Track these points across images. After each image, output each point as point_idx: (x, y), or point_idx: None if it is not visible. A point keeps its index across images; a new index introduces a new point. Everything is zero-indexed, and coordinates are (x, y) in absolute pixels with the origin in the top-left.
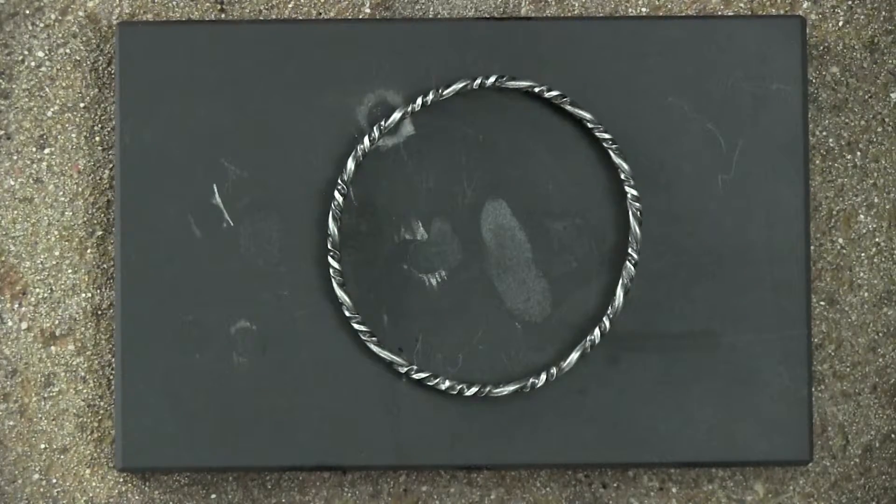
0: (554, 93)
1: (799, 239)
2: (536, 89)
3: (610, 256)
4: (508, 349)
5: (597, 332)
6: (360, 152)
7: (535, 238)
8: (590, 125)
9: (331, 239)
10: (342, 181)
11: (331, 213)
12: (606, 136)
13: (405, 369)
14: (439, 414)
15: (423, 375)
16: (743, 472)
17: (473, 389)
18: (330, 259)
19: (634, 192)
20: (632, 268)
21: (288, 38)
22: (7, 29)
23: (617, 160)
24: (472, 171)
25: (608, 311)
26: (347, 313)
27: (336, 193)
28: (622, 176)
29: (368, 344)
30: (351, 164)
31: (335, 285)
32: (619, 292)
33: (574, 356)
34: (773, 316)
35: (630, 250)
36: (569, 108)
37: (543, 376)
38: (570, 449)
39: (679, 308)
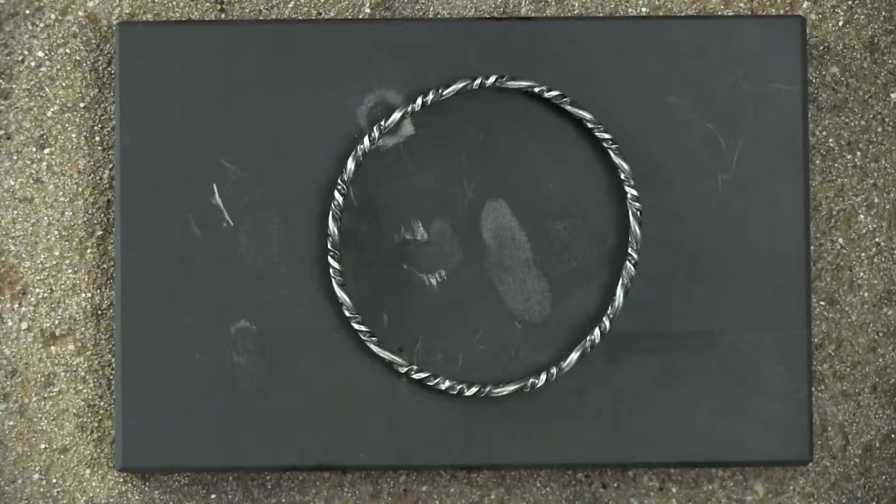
0: (554, 93)
1: (799, 239)
2: (536, 89)
3: (610, 256)
4: (508, 349)
5: (597, 332)
6: (360, 152)
7: (535, 238)
8: (590, 125)
9: (331, 239)
10: (342, 181)
11: (331, 213)
12: (606, 136)
13: (405, 369)
14: (439, 414)
15: (423, 375)
16: (743, 472)
17: (473, 389)
18: (330, 259)
19: (634, 192)
20: (632, 268)
21: (288, 38)
22: (7, 29)
23: (617, 160)
24: (472, 171)
25: (608, 311)
26: (347, 313)
27: (336, 193)
28: (622, 176)
29: (368, 344)
30: (351, 164)
31: (335, 285)
32: (619, 292)
33: (574, 356)
34: (773, 316)
35: (630, 250)
36: (569, 108)
37: (543, 376)
38: (570, 449)
39: (679, 308)
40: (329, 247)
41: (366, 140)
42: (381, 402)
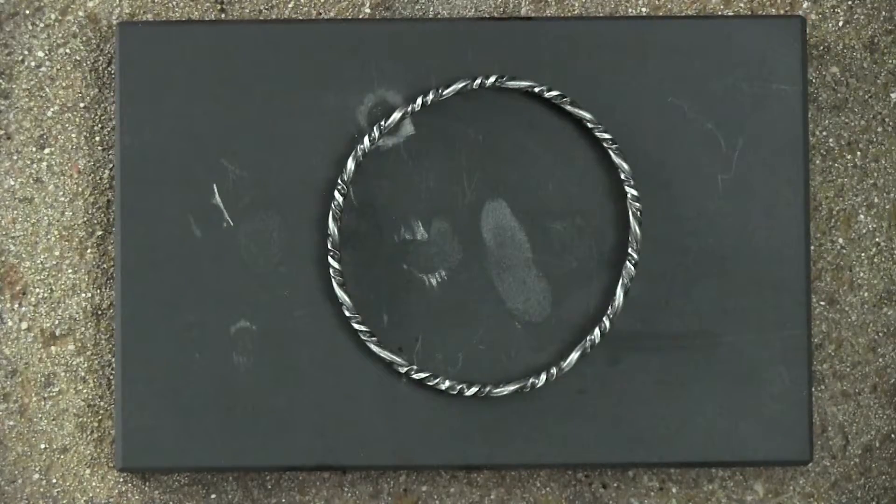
0: (554, 93)
1: (799, 239)
2: (536, 89)
3: (610, 256)
4: (508, 349)
5: (597, 332)
6: (360, 152)
7: (535, 238)
8: (590, 125)
9: (331, 239)
10: (342, 181)
11: (331, 213)
12: (606, 136)
13: (405, 369)
14: (439, 414)
15: (423, 375)
16: (743, 472)
17: (473, 389)
18: (330, 259)
19: (634, 192)
20: (632, 268)
21: (288, 38)
22: (7, 29)
23: (617, 160)
24: (472, 171)
25: (608, 311)
26: (347, 313)
27: (336, 193)
28: (622, 176)
29: (368, 344)
30: (351, 164)
31: (335, 285)
32: (619, 292)
33: (574, 356)
34: (773, 316)
35: (630, 250)
36: (569, 108)
37: (543, 376)
38: (570, 449)
39: (679, 308)
40: (329, 247)
41: (366, 140)
42: (380, 402)
